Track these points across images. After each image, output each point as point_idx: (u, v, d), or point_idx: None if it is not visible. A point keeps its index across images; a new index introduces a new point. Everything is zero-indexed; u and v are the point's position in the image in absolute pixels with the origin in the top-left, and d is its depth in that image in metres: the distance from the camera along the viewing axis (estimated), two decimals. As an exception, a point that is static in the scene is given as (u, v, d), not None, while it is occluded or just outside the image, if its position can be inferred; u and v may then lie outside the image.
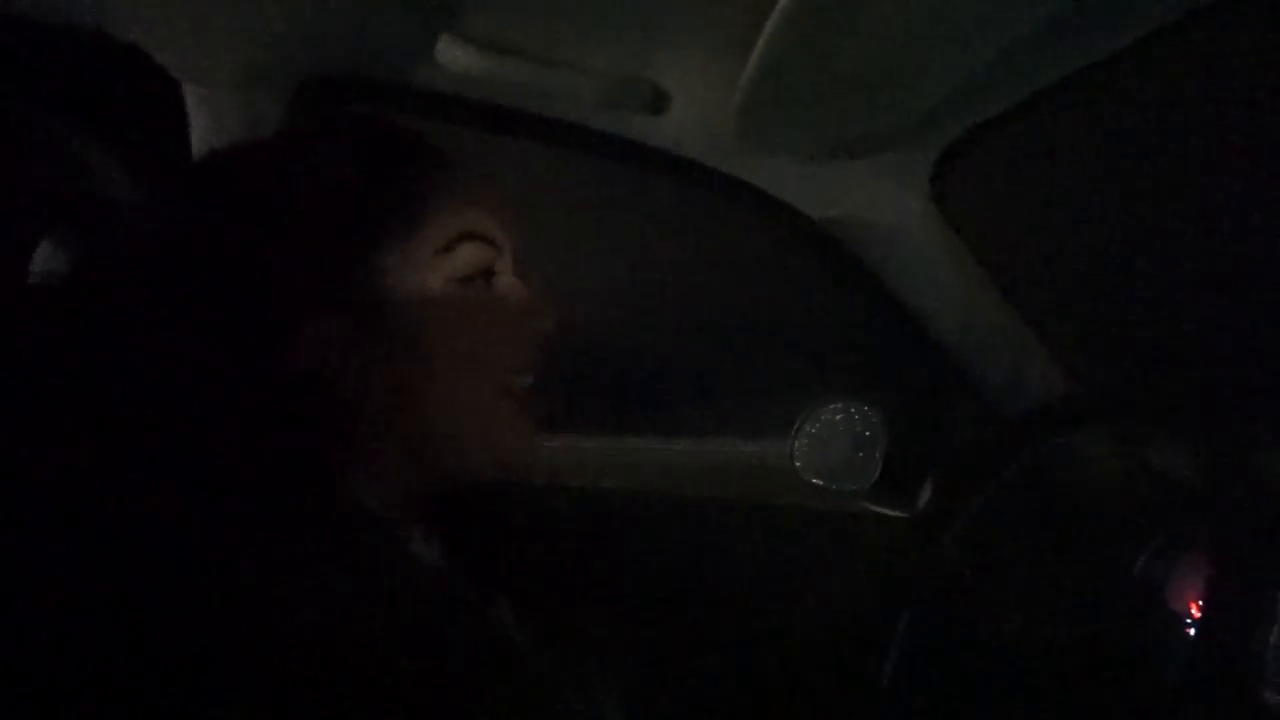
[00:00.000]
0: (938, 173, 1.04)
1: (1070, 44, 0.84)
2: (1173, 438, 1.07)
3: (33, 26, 0.81)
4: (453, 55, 0.87)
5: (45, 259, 0.71)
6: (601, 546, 0.97)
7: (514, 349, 0.67)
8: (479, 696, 0.55)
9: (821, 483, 1.14)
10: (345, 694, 0.52)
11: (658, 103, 0.95)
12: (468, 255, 0.65)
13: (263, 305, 0.61)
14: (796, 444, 1.14)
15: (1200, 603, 0.99)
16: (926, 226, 1.07)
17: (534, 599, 0.70)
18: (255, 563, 0.56)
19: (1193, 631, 0.98)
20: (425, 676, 0.54)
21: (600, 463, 1.10)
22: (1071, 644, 1.01)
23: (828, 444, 1.14)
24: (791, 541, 1.16)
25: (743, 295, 1.22)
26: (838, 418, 1.14)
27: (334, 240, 0.62)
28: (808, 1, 0.76)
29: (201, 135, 0.82)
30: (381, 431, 0.63)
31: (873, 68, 0.90)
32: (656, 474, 1.13)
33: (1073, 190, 1.15)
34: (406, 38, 0.86)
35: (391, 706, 0.52)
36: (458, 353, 0.64)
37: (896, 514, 1.16)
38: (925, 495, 1.14)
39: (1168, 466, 1.08)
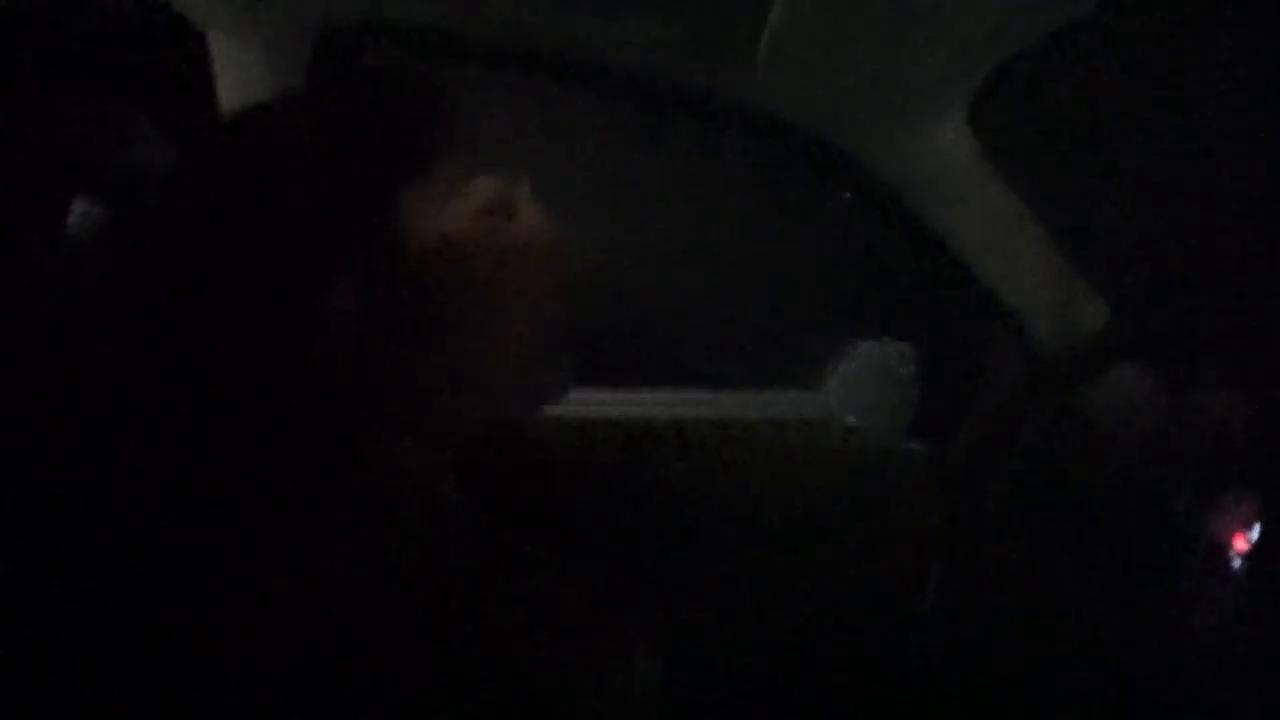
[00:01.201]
0: (976, 105, 1.01)
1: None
2: (1215, 372, 1.05)
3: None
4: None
5: (80, 218, 0.71)
6: (635, 497, 0.97)
7: (539, 287, 0.66)
8: (514, 647, 0.56)
9: (856, 421, 1.13)
10: (381, 649, 0.52)
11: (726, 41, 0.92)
12: (483, 190, 0.64)
13: (281, 263, 0.61)
14: (831, 383, 1.14)
15: (1245, 537, 0.98)
16: (964, 159, 1.04)
17: (569, 549, 0.70)
18: (288, 520, 0.56)
19: (1237, 566, 0.98)
20: (460, 628, 0.55)
21: (630, 413, 1.10)
22: (1113, 584, 1.01)
23: (862, 382, 1.13)
24: (828, 483, 1.16)
25: (774, 234, 1.20)
26: (873, 355, 1.13)
27: (343, 194, 0.62)
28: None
29: (227, 87, 0.82)
30: (410, 381, 0.63)
31: (904, 3, 0.88)
32: (689, 422, 1.13)
33: (1113, 121, 1.11)
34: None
35: (426, 658, 0.53)
36: (481, 293, 0.63)
37: (933, 453, 1.15)
38: (964, 433, 1.13)
39: (1210, 401, 1.06)
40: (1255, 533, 0.99)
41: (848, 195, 1.08)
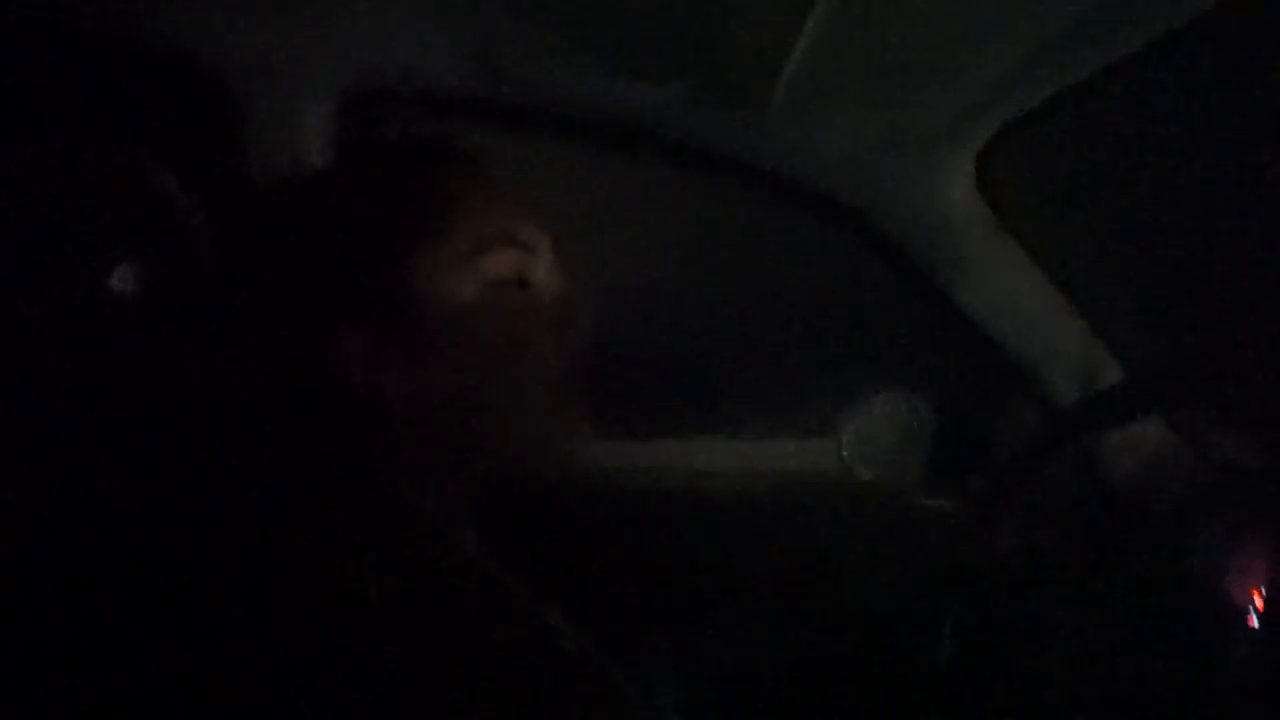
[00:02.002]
0: (982, 163, 1.03)
1: (1109, 34, 0.83)
2: (1230, 424, 1.05)
3: (99, 51, 0.84)
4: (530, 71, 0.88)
5: (121, 279, 0.73)
6: (652, 545, 0.98)
7: (554, 351, 0.67)
8: (527, 696, 0.56)
9: (871, 476, 1.13)
10: (391, 692, 0.53)
11: (736, 100, 0.94)
12: (499, 259, 0.65)
13: (295, 319, 0.62)
14: (845, 437, 1.14)
15: (1262, 592, 0.98)
16: (972, 216, 1.06)
17: (587, 600, 0.70)
18: (303, 563, 0.57)
19: (1255, 622, 0.97)
20: (473, 675, 0.55)
21: (649, 465, 1.10)
22: (1128, 636, 1.00)
23: (876, 436, 1.13)
24: (843, 535, 1.16)
25: (789, 290, 1.22)
26: (886, 410, 1.14)
27: (361, 251, 0.63)
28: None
29: (256, 151, 0.85)
30: (427, 436, 0.64)
31: (914, 59, 0.90)
32: (706, 475, 1.13)
33: (1119, 176, 1.13)
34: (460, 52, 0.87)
35: (438, 705, 0.53)
36: (495, 357, 0.64)
37: (947, 506, 1.15)
38: (976, 486, 1.13)
39: (1225, 454, 1.06)
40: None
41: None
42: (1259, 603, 0.98)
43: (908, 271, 1.10)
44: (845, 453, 1.14)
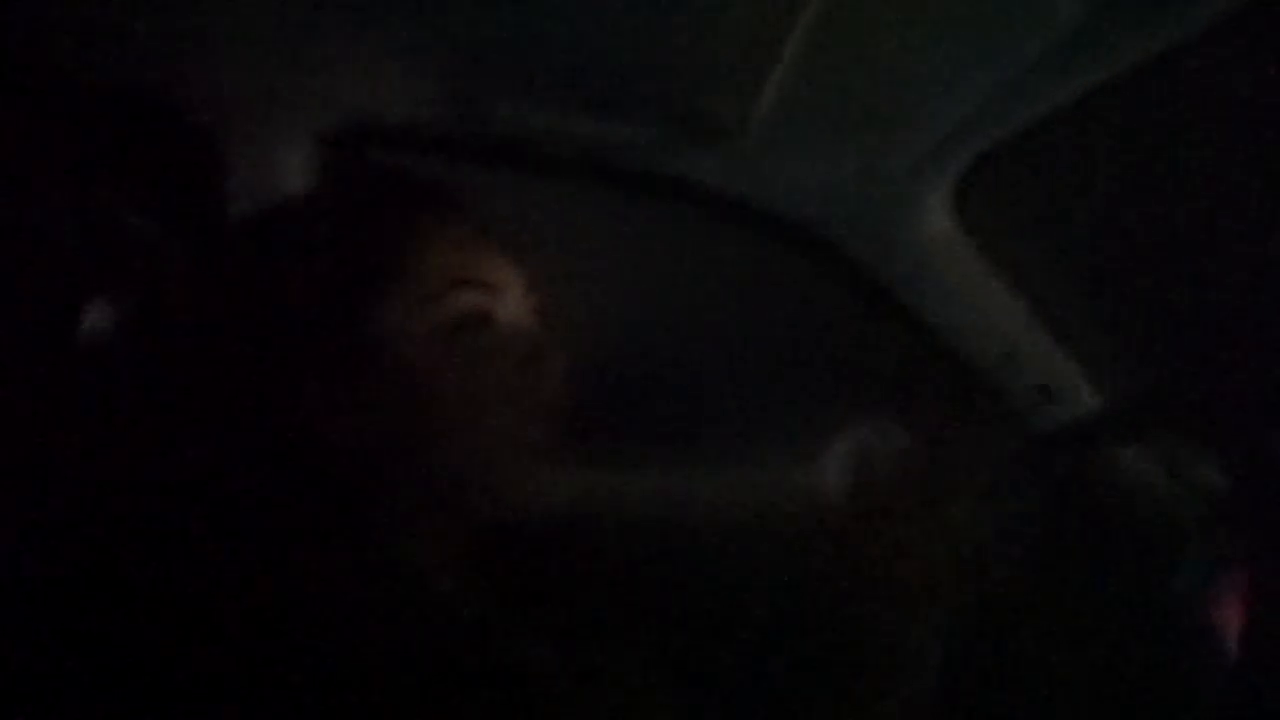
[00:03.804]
0: (959, 192, 1.04)
1: (1086, 61, 0.84)
2: (1209, 452, 1.06)
3: (76, 90, 0.85)
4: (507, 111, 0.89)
5: (93, 318, 0.73)
6: (631, 579, 0.97)
7: (524, 390, 0.66)
8: None
9: (851, 505, 1.13)
10: None
11: (711, 136, 0.95)
12: (459, 301, 0.64)
13: (265, 361, 0.62)
14: (824, 466, 1.14)
15: (1242, 620, 0.98)
16: (949, 245, 1.07)
17: (569, 640, 0.70)
18: (278, 605, 0.57)
19: (1234, 649, 0.97)
20: (455, 713, 0.55)
21: (626, 498, 1.10)
22: (1110, 662, 1.00)
23: (856, 465, 1.13)
24: (825, 564, 1.16)
25: (766, 321, 1.22)
26: (866, 437, 1.14)
27: (322, 294, 0.63)
28: (822, 30, 0.76)
29: (232, 189, 0.85)
30: (406, 479, 0.64)
31: (890, 92, 0.91)
32: (685, 506, 1.13)
33: (1096, 204, 1.13)
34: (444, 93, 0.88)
35: None
36: (461, 399, 0.64)
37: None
38: (957, 513, 1.13)
39: (1204, 481, 1.07)
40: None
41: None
42: (1240, 629, 0.98)
43: (886, 301, 1.10)
44: (825, 481, 1.14)
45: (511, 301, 0.68)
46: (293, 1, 0.76)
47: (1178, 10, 0.75)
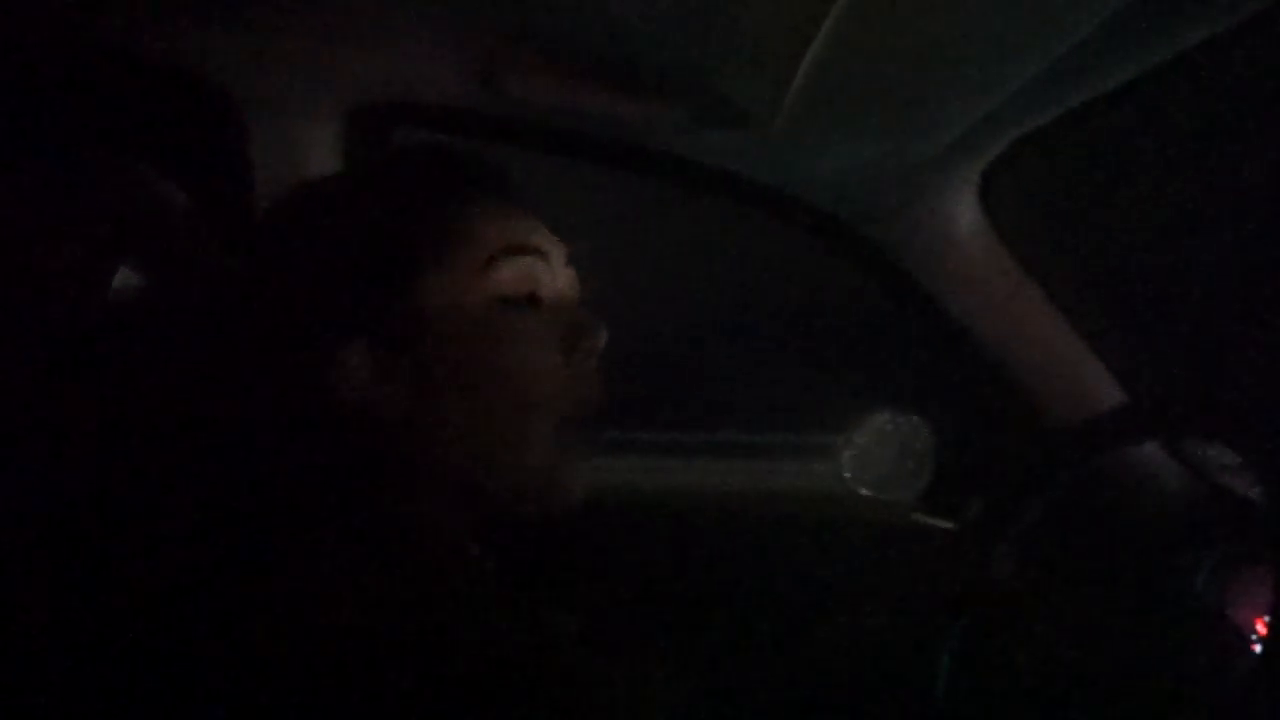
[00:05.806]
0: (985, 183, 1.03)
1: (1117, 55, 0.83)
2: (1231, 449, 1.05)
3: (108, 63, 0.85)
4: (532, 86, 0.89)
5: (123, 280, 0.74)
6: (655, 559, 0.98)
7: (566, 367, 0.66)
8: (532, 700, 0.56)
9: (870, 493, 1.13)
10: (397, 694, 0.53)
11: (739, 120, 0.94)
12: (511, 271, 0.64)
13: (300, 334, 0.62)
14: (845, 455, 1.14)
15: (1265, 619, 0.97)
16: (975, 237, 1.06)
17: (592, 610, 0.70)
18: (308, 571, 0.58)
19: (1258, 648, 0.96)
20: (479, 678, 0.55)
21: (652, 482, 1.10)
22: (1129, 661, 0.99)
23: (876, 455, 1.13)
24: (842, 554, 1.16)
25: (791, 310, 1.22)
26: (887, 428, 1.14)
27: (367, 266, 0.63)
28: (854, 16, 0.76)
29: (261, 164, 0.85)
30: (436, 451, 0.64)
31: (918, 80, 0.90)
32: (708, 492, 1.13)
33: (1123, 199, 1.13)
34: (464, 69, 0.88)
35: (444, 707, 0.53)
36: (506, 373, 0.64)
37: (946, 526, 1.15)
38: (975, 507, 1.13)
39: (1226, 478, 1.06)
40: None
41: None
42: (1262, 630, 0.97)
43: (910, 290, 1.10)
44: (846, 471, 1.14)
45: (554, 276, 0.68)
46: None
47: (1210, 3, 0.75)
